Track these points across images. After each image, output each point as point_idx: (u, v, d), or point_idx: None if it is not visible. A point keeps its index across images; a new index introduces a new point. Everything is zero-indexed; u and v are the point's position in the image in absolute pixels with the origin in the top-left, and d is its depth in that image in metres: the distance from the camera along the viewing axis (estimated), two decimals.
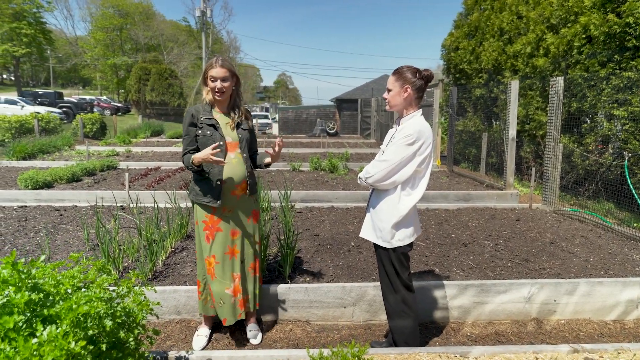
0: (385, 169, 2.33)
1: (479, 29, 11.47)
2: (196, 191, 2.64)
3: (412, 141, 2.29)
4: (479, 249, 4.12)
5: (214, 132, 2.57)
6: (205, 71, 2.56)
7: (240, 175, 2.67)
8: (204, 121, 2.59)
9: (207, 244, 2.66)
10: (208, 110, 2.63)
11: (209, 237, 2.65)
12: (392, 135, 2.47)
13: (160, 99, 37.07)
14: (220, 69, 2.53)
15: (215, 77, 2.53)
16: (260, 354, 2.35)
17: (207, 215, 2.63)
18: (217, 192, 2.57)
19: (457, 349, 2.42)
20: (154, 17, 56.56)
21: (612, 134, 7.03)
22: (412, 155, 2.31)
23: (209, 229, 2.65)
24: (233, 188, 2.65)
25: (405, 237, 2.42)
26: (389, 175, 2.34)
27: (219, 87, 2.55)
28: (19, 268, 1.67)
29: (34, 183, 6.58)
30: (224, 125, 2.66)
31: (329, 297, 3.20)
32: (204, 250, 2.68)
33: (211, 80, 2.55)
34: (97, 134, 17.72)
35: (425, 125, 2.38)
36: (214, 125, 2.59)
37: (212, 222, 2.64)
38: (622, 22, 6.62)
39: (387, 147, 2.43)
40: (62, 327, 1.60)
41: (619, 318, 3.33)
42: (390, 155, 2.33)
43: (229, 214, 2.68)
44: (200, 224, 2.67)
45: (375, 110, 18.41)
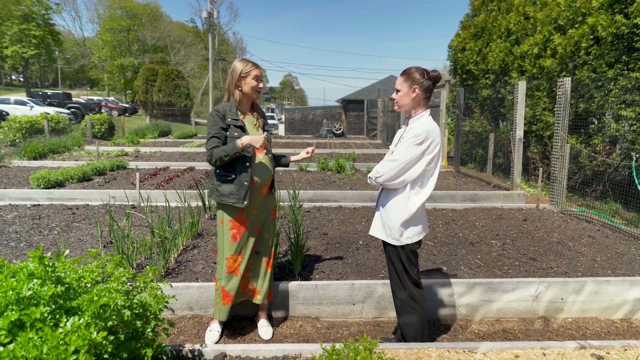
0: (395, 169, 2.38)
1: (486, 30, 11.48)
2: (221, 193, 2.66)
3: (421, 141, 2.34)
4: (487, 248, 4.16)
5: (241, 134, 2.63)
6: (246, 72, 2.63)
7: (268, 175, 2.76)
8: (231, 122, 2.65)
9: (232, 243, 2.71)
10: (234, 111, 2.69)
11: (235, 235, 2.71)
12: (401, 136, 2.51)
13: (167, 99, 37.32)
14: (260, 71, 2.69)
15: (259, 77, 2.68)
16: (273, 347, 2.40)
17: (235, 215, 2.69)
18: (245, 192, 2.62)
19: (465, 344, 2.46)
20: (161, 19, 56.92)
21: (619, 134, 7.03)
22: (420, 154, 2.36)
23: (236, 228, 2.71)
24: (261, 188, 2.74)
25: (414, 234, 2.47)
26: (399, 174, 2.39)
27: (261, 86, 2.69)
28: (45, 262, 1.74)
29: (46, 182, 6.69)
30: (250, 126, 2.74)
31: (339, 294, 3.25)
32: (226, 249, 2.73)
33: (255, 79, 2.66)
34: (105, 134, 17.88)
35: (434, 125, 2.43)
36: (241, 127, 2.66)
37: (240, 221, 2.71)
38: (630, 23, 6.63)
39: (396, 147, 2.47)
40: (84, 318, 1.66)
41: (626, 317, 3.36)
42: (399, 155, 2.37)
43: (256, 212, 2.76)
44: (226, 224, 2.72)
45: (381, 111, 18.44)
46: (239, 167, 2.62)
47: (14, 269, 1.76)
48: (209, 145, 2.63)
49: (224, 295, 2.72)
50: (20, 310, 1.67)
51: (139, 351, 1.86)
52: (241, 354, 2.37)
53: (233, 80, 2.68)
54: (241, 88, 2.68)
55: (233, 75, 2.67)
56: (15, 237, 4.29)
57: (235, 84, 2.67)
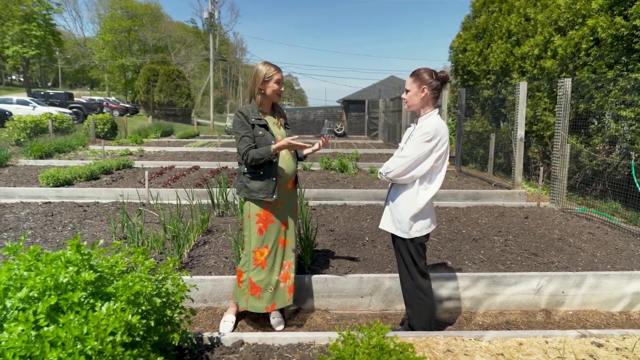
0: (404, 165, 2.49)
1: (487, 31, 11.60)
2: (250, 189, 2.80)
3: (430, 138, 2.45)
4: (489, 244, 4.28)
5: (265, 132, 2.79)
6: (269, 77, 2.77)
7: (292, 170, 2.91)
8: (255, 122, 2.79)
9: (259, 237, 2.84)
10: (256, 112, 2.83)
11: (262, 229, 2.84)
12: (411, 133, 2.63)
13: (168, 99, 37.44)
14: (282, 75, 2.84)
15: (281, 81, 2.83)
16: (288, 335, 2.52)
17: (261, 209, 2.82)
18: (273, 187, 2.77)
19: (471, 333, 2.58)
20: (161, 19, 57.05)
21: (619, 134, 7.15)
22: (429, 151, 2.48)
23: (262, 222, 2.83)
24: (286, 182, 2.89)
25: (422, 228, 2.58)
26: (408, 170, 2.50)
27: (282, 89, 2.85)
28: (82, 250, 1.86)
29: (55, 181, 6.80)
30: (272, 125, 2.88)
31: (347, 287, 3.37)
32: (253, 242, 2.85)
33: (277, 83, 2.80)
34: (108, 134, 17.99)
35: (442, 123, 2.55)
36: (265, 125, 2.81)
37: (266, 215, 2.83)
38: (629, 25, 6.75)
39: (406, 144, 2.59)
40: (118, 303, 1.78)
41: (625, 310, 3.47)
42: (409, 152, 2.49)
43: (281, 207, 2.89)
44: (252, 218, 2.84)
45: (383, 111, 18.56)
46: (267, 164, 2.76)
47: (52, 257, 1.88)
48: (241, 145, 2.76)
49: (252, 286, 2.84)
50: (58, 295, 1.79)
51: (167, 336, 1.98)
52: (258, 341, 2.49)
53: (256, 84, 2.81)
54: (264, 91, 2.82)
55: (256, 79, 2.81)
56: (31, 233, 4.41)
57: (259, 87, 2.80)
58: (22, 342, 1.61)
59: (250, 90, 2.89)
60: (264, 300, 2.90)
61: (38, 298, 1.83)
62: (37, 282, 1.78)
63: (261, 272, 2.86)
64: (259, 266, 2.86)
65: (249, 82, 2.92)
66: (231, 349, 2.41)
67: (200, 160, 10.48)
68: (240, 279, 2.96)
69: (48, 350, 1.61)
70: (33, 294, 1.81)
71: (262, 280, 2.86)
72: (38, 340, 1.63)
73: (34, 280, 1.78)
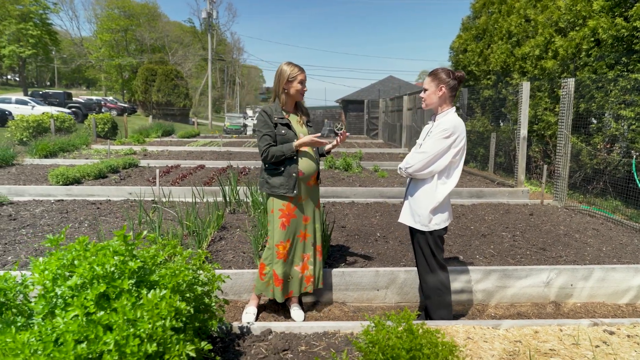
0: (423, 160, 2.61)
1: (487, 32, 11.74)
2: (271, 185, 2.91)
3: (448, 135, 2.57)
4: (498, 239, 4.40)
5: (287, 131, 2.89)
6: (292, 77, 2.87)
7: (314, 168, 3.00)
8: (277, 121, 2.89)
9: (281, 231, 2.93)
10: (279, 111, 2.94)
11: (284, 224, 2.93)
12: (429, 130, 2.74)
13: (166, 99, 37.44)
14: (305, 75, 2.93)
15: (304, 81, 2.93)
16: (314, 324, 2.62)
17: (284, 204, 2.92)
18: (293, 183, 2.87)
19: (489, 322, 2.69)
20: (159, 19, 57.01)
21: (619, 133, 7.29)
22: (447, 147, 2.59)
23: (285, 216, 2.93)
24: (308, 179, 2.98)
25: (441, 221, 2.70)
26: (427, 165, 2.62)
27: (305, 89, 2.95)
28: (127, 241, 1.95)
29: (64, 179, 6.87)
30: (295, 123, 2.98)
31: (364, 281, 3.47)
32: (276, 236, 2.95)
33: (300, 83, 2.90)
34: (108, 134, 18.02)
35: (459, 120, 2.66)
36: (287, 124, 2.91)
37: (289, 210, 2.93)
38: (629, 26, 6.89)
39: (425, 140, 2.70)
40: (164, 290, 1.87)
41: (631, 302, 3.60)
42: (428, 148, 2.61)
43: (302, 202, 2.99)
44: (276, 212, 2.95)
45: (383, 111, 18.69)
46: (287, 160, 2.86)
47: (99, 247, 1.97)
48: (262, 143, 2.87)
49: (276, 278, 2.94)
50: (107, 283, 1.88)
51: (207, 322, 2.08)
52: (285, 330, 2.59)
53: (281, 84, 2.92)
54: (288, 91, 2.92)
55: (280, 79, 2.91)
56: (49, 229, 4.48)
57: (283, 87, 2.91)
58: (76, 327, 1.71)
59: (275, 90, 2.99)
60: (285, 290, 3.01)
61: (86, 286, 1.92)
62: (86, 270, 1.87)
63: (284, 264, 2.96)
64: (281, 259, 2.96)
65: (273, 82, 3.01)
66: (260, 337, 2.51)
67: (204, 160, 10.56)
68: (262, 271, 3.06)
69: (102, 333, 1.71)
70: (81, 282, 1.90)
71: (284, 272, 2.97)
72: (91, 324, 1.73)
73: (84, 269, 1.87)
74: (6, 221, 4.76)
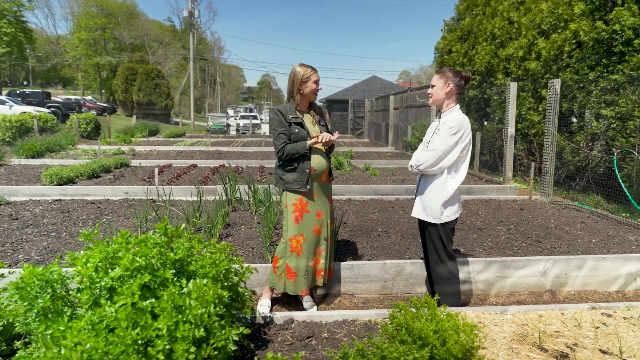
0: (434, 157, 2.76)
1: (472, 33, 12.05)
2: (285, 181, 3.03)
3: (455, 131, 2.73)
4: (494, 232, 4.60)
5: (300, 130, 3.01)
6: (306, 77, 2.98)
7: (325, 165, 3.12)
8: (292, 120, 3.01)
9: (295, 225, 3.05)
10: (293, 111, 3.05)
11: (297, 218, 3.05)
12: (436, 128, 2.89)
13: (147, 99, 36.97)
14: (318, 75, 3.04)
15: (318, 81, 3.04)
16: (334, 313, 2.75)
17: (297, 199, 3.04)
18: (306, 179, 2.99)
19: (496, 308, 2.87)
20: (137, 17, 56.19)
21: (600, 132, 7.63)
22: (455, 143, 2.75)
23: (298, 211, 3.05)
24: (320, 176, 3.10)
25: (452, 213, 2.86)
26: (437, 161, 2.77)
27: (319, 88, 3.06)
28: (168, 233, 2.05)
29: (59, 179, 6.83)
30: (308, 123, 3.09)
31: (372, 273, 3.62)
32: (290, 230, 3.06)
33: (315, 83, 3.01)
34: (91, 134, 17.78)
35: (464, 117, 2.83)
36: (300, 123, 3.03)
37: (302, 205, 3.05)
38: (609, 29, 7.22)
39: (432, 137, 2.86)
40: (205, 279, 1.98)
41: (620, 289, 3.83)
42: (437, 145, 2.76)
43: (315, 198, 3.10)
44: (289, 207, 3.06)
45: (369, 110, 18.91)
46: (301, 157, 2.98)
47: (139, 240, 2.06)
48: (278, 142, 3.00)
49: (289, 271, 3.05)
50: (150, 273, 1.98)
51: (242, 310, 2.19)
52: (306, 319, 2.71)
53: (295, 84, 3.03)
54: (302, 91, 3.03)
55: (294, 80, 3.03)
56: (53, 228, 4.50)
57: (297, 87, 3.02)
58: (124, 315, 1.80)
59: (289, 91, 3.10)
60: (299, 285, 3.12)
61: (127, 278, 2.02)
62: (129, 261, 1.97)
63: (297, 258, 3.07)
64: (294, 253, 3.07)
65: (287, 84, 3.14)
66: (284, 326, 2.63)
67: (194, 159, 10.57)
68: (276, 264, 3.17)
69: (150, 320, 1.81)
70: (123, 273, 1.99)
71: (297, 266, 3.08)
72: (139, 312, 1.83)
73: (127, 260, 1.97)
74: (8, 221, 4.75)
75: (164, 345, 1.74)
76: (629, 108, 6.86)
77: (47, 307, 1.86)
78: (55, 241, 4.08)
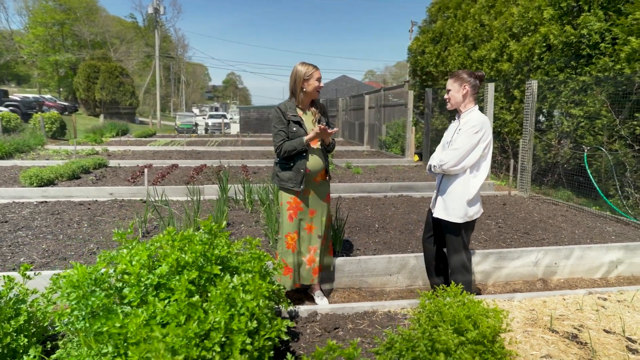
0: (457, 156, 2.86)
1: (444, 35, 12.43)
2: (281, 178, 3.09)
3: (477, 130, 2.85)
4: (485, 226, 4.84)
5: (298, 129, 3.06)
6: (309, 75, 3.03)
7: (321, 165, 3.17)
8: (290, 118, 3.06)
9: (289, 222, 3.12)
10: (293, 108, 3.11)
11: (292, 216, 3.12)
12: (457, 128, 3.01)
13: (111, 97, 35.88)
14: (320, 72, 3.09)
15: (320, 78, 3.09)
16: (354, 305, 2.86)
17: (292, 198, 3.10)
18: (301, 179, 3.04)
19: (504, 295, 3.06)
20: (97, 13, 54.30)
21: (570, 130, 8.08)
22: (477, 142, 2.87)
23: (292, 209, 3.12)
24: (315, 175, 3.15)
25: (474, 213, 2.95)
26: (460, 160, 2.86)
27: (322, 85, 3.10)
28: (213, 231, 2.10)
29: (38, 180, 6.62)
30: (308, 121, 3.14)
31: (378, 267, 3.75)
32: (285, 227, 3.13)
33: (317, 80, 3.06)
34: (56, 134, 17.18)
35: (485, 117, 2.97)
36: (299, 122, 3.07)
37: (296, 202, 3.12)
38: (577, 33, 7.66)
39: (454, 137, 2.97)
40: (249, 274, 2.05)
41: (604, 276, 4.13)
42: (460, 144, 2.87)
43: (309, 196, 3.17)
44: (284, 205, 3.13)
45: (342, 109, 19.11)
46: (297, 156, 3.03)
47: (184, 237, 2.11)
48: (277, 139, 3.06)
49: (285, 267, 3.12)
50: (198, 269, 2.03)
51: (281, 303, 2.26)
52: (329, 311, 2.81)
53: (297, 83, 3.07)
54: (305, 89, 3.08)
55: (297, 78, 3.07)
56: (48, 231, 4.39)
57: (300, 86, 3.07)
58: (175, 310, 1.86)
59: (291, 89, 3.14)
60: (294, 279, 3.18)
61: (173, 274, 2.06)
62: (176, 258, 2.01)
63: (292, 254, 3.13)
64: (290, 249, 3.13)
65: (289, 82, 3.19)
66: (309, 319, 2.72)
67: (173, 159, 10.42)
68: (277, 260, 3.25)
69: (203, 314, 1.86)
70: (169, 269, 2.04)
71: (292, 262, 3.15)
72: (192, 307, 1.88)
73: (174, 257, 2.01)
74: None
75: (220, 337, 1.80)
76: (596, 108, 7.30)
77: (100, 305, 1.88)
78: (55, 243, 4.00)
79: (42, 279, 2.69)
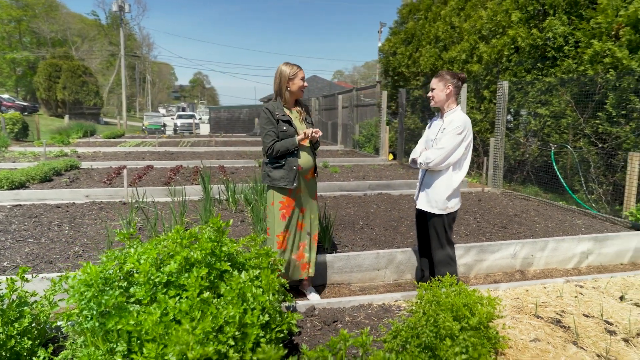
0: (442, 155, 3.02)
1: (415, 36, 12.71)
2: (272, 177, 3.13)
3: (461, 131, 3.02)
4: (465, 221, 5.03)
5: (288, 128, 3.12)
6: (293, 75, 3.10)
7: (311, 162, 3.25)
8: (280, 117, 3.12)
9: (282, 222, 3.17)
10: (281, 108, 3.17)
11: (285, 215, 3.17)
12: (441, 127, 3.16)
13: (73, 97, 34.72)
14: (304, 72, 3.16)
15: (304, 77, 3.16)
16: (350, 299, 2.96)
17: (284, 197, 3.15)
18: (293, 176, 3.11)
19: (490, 285, 3.23)
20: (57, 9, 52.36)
21: (537, 129, 8.46)
22: (460, 141, 3.04)
23: (285, 208, 3.17)
24: (306, 173, 3.23)
25: (455, 204, 3.13)
26: (445, 159, 3.03)
27: (306, 85, 3.17)
28: (221, 228, 2.14)
29: (10, 183, 6.40)
30: (295, 120, 3.21)
31: (366, 263, 3.86)
32: (277, 227, 3.18)
33: (302, 80, 3.14)
34: (19, 135, 16.52)
35: (467, 117, 3.13)
36: (288, 121, 3.14)
37: (288, 201, 3.17)
38: (543, 36, 8.02)
39: (438, 136, 3.12)
40: (257, 270, 2.10)
41: (575, 266, 4.38)
42: (445, 144, 3.03)
43: (301, 195, 3.24)
44: (276, 205, 3.17)
45: (316, 109, 19.21)
46: (288, 155, 3.10)
47: (193, 234, 2.14)
48: (267, 140, 3.10)
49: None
50: (207, 265, 2.07)
51: (287, 298, 2.33)
52: (326, 306, 2.89)
53: (282, 83, 3.14)
54: (290, 88, 3.15)
55: (282, 79, 3.14)
56: (28, 234, 4.28)
57: (285, 85, 3.14)
58: (187, 307, 1.90)
59: (276, 90, 3.20)
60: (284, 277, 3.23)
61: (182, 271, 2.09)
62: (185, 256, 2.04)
63: (283, 253, 3.19)
64: (281, 249, 3.18)
65: (273, 83, 3.24)
66: (308, 313, 2.79)
67: (147, 160, 10.25)
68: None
69: (214, 309, 1.91)
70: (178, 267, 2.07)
71: (283, 263, 3.21)
72: (204, 303, 1.93)
73: (183, 255, 2.04)
74: None
75: (234, 331, 1.85)
76: (561, 107, 7.67)
77: (113, 304, 1.89)
78: (38, 247, 3.91)
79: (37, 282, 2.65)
